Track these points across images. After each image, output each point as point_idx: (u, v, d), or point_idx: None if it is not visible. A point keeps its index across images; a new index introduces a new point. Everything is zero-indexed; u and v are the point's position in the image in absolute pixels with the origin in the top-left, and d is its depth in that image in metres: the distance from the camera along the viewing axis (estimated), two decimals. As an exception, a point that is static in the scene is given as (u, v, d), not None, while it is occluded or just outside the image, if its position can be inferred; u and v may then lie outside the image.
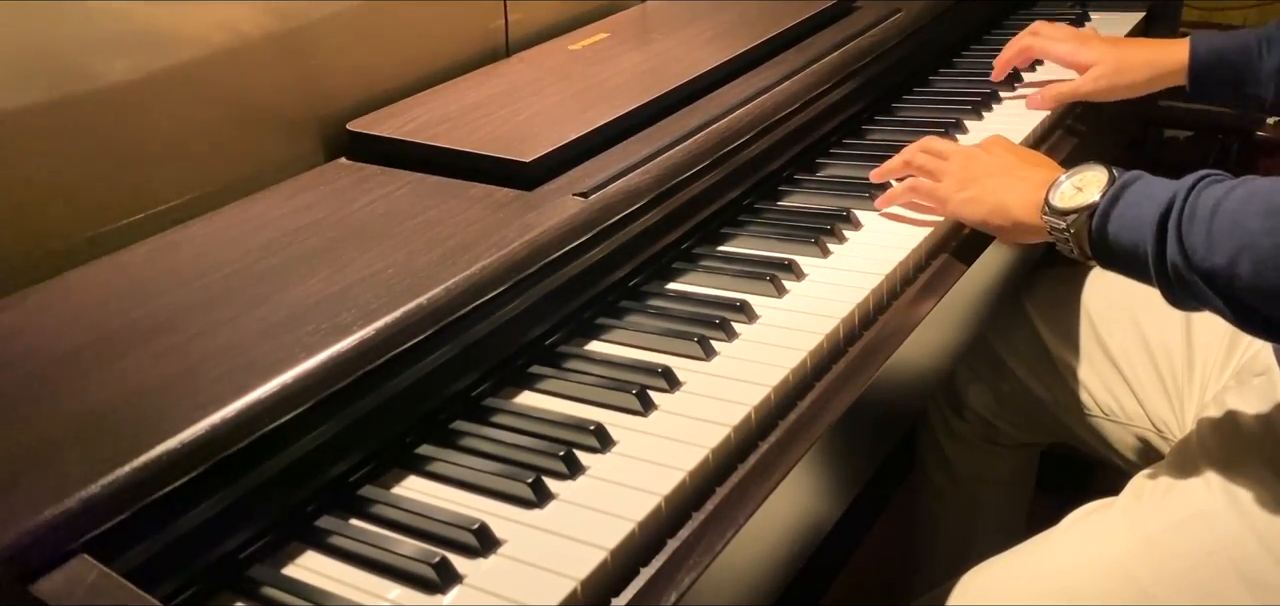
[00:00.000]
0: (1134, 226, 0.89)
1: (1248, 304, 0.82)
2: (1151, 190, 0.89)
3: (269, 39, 1.04)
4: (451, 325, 0.80)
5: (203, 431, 0.67)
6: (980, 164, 1.05)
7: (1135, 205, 0.89)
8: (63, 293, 0.85)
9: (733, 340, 0.90)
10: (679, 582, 0.69)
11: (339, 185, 1.01)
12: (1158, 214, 0.86)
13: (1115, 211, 0.90)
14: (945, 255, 1.05)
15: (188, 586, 0.67)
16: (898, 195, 1.09)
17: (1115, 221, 0.90)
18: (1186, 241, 0.84)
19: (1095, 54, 1.30)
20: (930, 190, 1.06)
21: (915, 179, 1.08)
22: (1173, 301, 0.89)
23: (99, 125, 0.92)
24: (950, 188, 1.05)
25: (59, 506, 0.61)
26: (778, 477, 0.77)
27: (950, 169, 1.06)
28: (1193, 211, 0.84)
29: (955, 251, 1.06)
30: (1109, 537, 0.99)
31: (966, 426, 1.39)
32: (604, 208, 0.94)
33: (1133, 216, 0.89)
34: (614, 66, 1.21)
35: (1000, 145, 1.09)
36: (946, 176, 1.06)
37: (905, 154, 1.11)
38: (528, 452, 0.77)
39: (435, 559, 0.67)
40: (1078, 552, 1.00)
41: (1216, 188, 0.85)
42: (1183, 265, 0.85)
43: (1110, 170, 0.93)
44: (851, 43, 1.31)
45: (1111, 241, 0.91)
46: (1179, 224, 0.85)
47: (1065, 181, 0.96)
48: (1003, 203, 1.01)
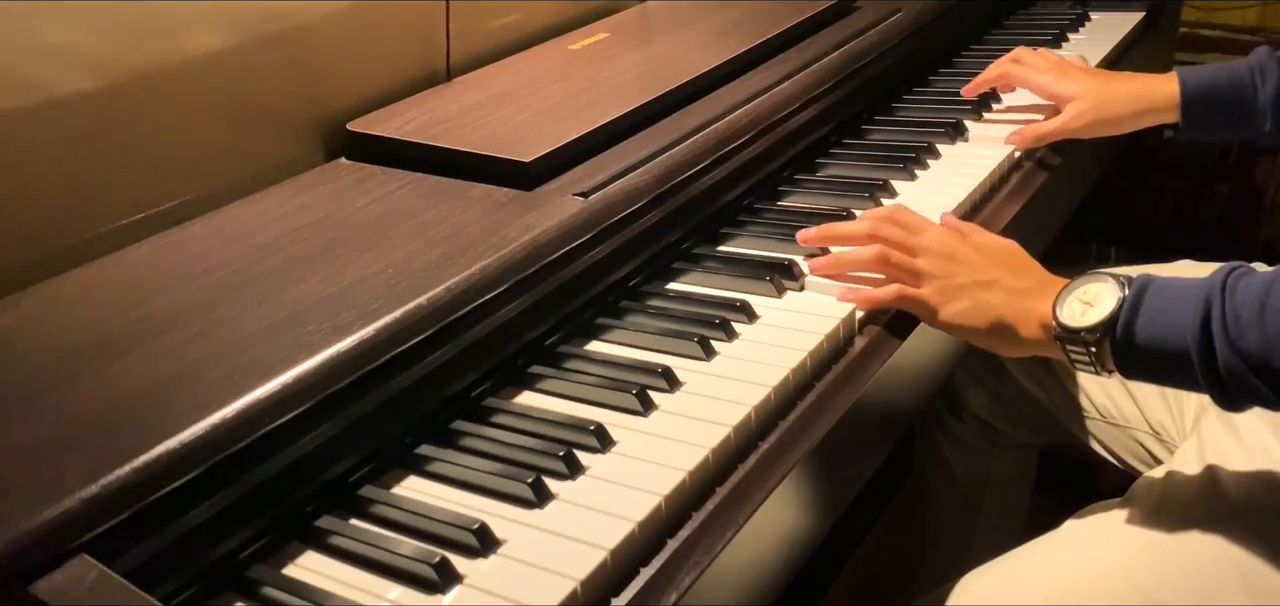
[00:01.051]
0: (1169, 333, 0.84)
1: None
2: (1174, 291, 0.85)
3: (269, 39, 1.04)
4: (451, 325, 0.80)
5: (203, 431, 0.67)
6: (963, 264, 0.95)
7: (1164, 312, 0.84)
8: (63, 292, 0.85)
9: (733, 340, 0.90)
10: (679, 582, 0.69)
11: (339, 185, 1.01)
12: (1198, 318, 0.82)
13: (1140, 322, 0.85)
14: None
15: (188, 586, 0.67)
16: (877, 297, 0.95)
17: (1143, 331, 0.85)
18: (1239, 344, 0.80)
19: (1077, 87, 1.23)
20: (913, 298, 0.95)
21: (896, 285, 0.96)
22: (1226, 404, 0.84)
23: (99, 125, 0.92)
24: (934, 296, 0.94)
25: (59, 506, 0.61)
26: (778, 478, 0.77)
27: (929, 268, 0.95)
28: (1237, 312, 0.80)
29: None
30: (1111, 541, 0.99)
31: (965, 428, 1.39)
32: (604, 208, 0.94)
33: (1164, 324, 0.84)
34: (614, 66, 1.21)
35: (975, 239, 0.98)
36: (926, 279, 0.95)
37: (868, 225, 0.99)
38: (528, 452, 0.77)
39: (435, 559, 0.67)
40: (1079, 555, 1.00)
41: (1255, 280, 0.82)
42: (1239, 367, 0.80)
43: (1115, 279, 0.88)
44: (851, 43, 1.31)
45: (1142, 352, 0.85)
46: (1225, 325, 0.81)
47: (1070, 299, 0.89)
48: (1002, 320, 0.92)
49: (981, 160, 1.19)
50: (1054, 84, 1.25)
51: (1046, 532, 1.05)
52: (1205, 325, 0.82)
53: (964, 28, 1.58)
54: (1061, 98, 1.24)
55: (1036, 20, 1.66)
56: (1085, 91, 1.23)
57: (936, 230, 0.98)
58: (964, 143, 1.26)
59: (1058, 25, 1.60)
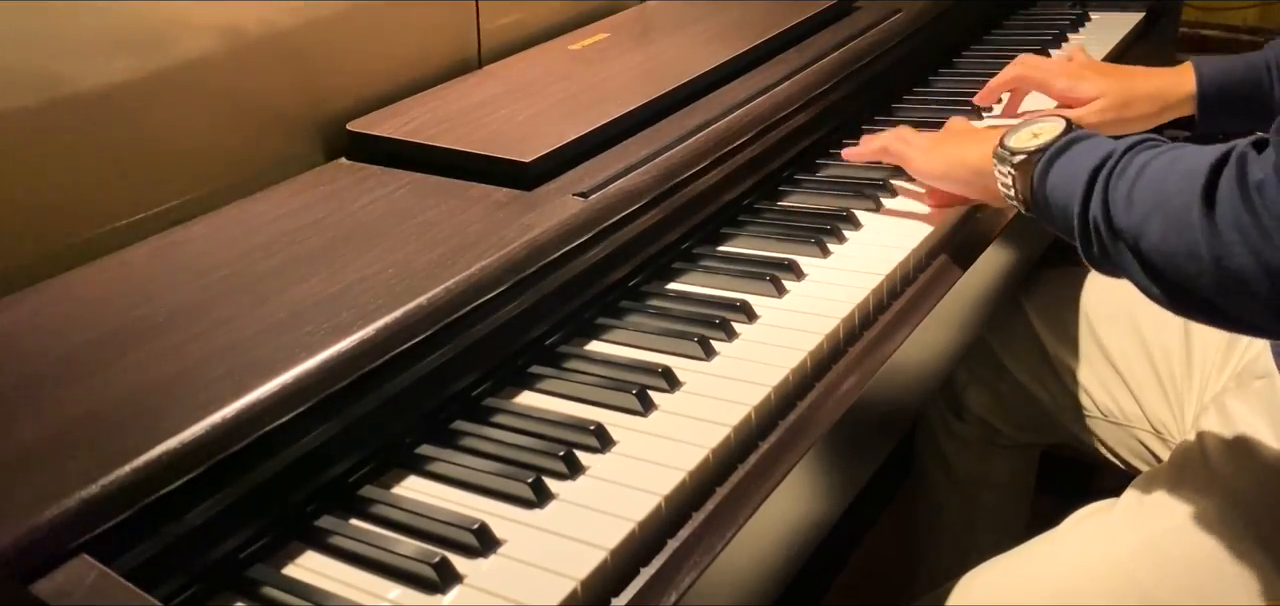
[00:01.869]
0: (1070, 178, 0.87)
1: (1154, 264, 0.81)
2: (1097, 145, 0.87)
3: (269, 39, 1.04)
4: (451, 325, 0.80)
5: (203, 431, 0.67)
6: (951, 138, 1.08)
7: (1077, 157, 0.88)
8: (63, 292, 0.85)
9: (733, 340, 0.90)
10: (679, 582, 0.69)
11: (339, 185, 1.01)
12: (1091, 167, 0.85)
13: (1059, 162, 0.89)
14: (945, 255, 1.05)
15: (188, 586, 0.67)
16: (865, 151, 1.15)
17: (1056, 172, 0.89)
18: (1110, 196, 0.83)
19: (1096, 87, 1.20)
20: (899, 150, 1.10)
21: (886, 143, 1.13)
22: (1089, 260, 0.88)
23: (99, 125, 0.92)
24: (916, 150, 1.09)
25: (59, 506, 0.61)
26: (778, 477, 0.77)
27: (920, 139, 1.10)
28: (1124, 169, 0.83)
29: (955, 252, 1.06)
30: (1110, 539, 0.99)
31: (966, 427, 1.39)
32: (604, 208, 0.94)
33: (1072, 168, 0.88)
34: (614, 66, 1.21)
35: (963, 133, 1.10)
36: (915, 144, 1.10)
37: (882, 138, 1.14)
38: (528, 452, 0.77)
39: (435, 559, 0.67)
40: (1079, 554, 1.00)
41: (1150, 150, 0.84)
42: (1102, 219, 0.83)
43: (1068, 122, 0.92)
44: (851, 43, 1.31)
45: (1049, 192, 0.90)
46: (1108, 179, 0.84)
47: (1025, 128, 0.95)
48: (962, 155, 1.03)
49: (981, 160, 1.18)
50: (1072, 88, 1.21)
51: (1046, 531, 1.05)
52: (1093, 175, 0.85)
53: (964, 28, 1.58)
54: (1081, 99, 1.21)
55: (1036, 20, 1.66)
56: (1106, 91, 1.20)
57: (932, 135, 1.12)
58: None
59: (1058, 25, 1.60)
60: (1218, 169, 0.76)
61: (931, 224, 1.06)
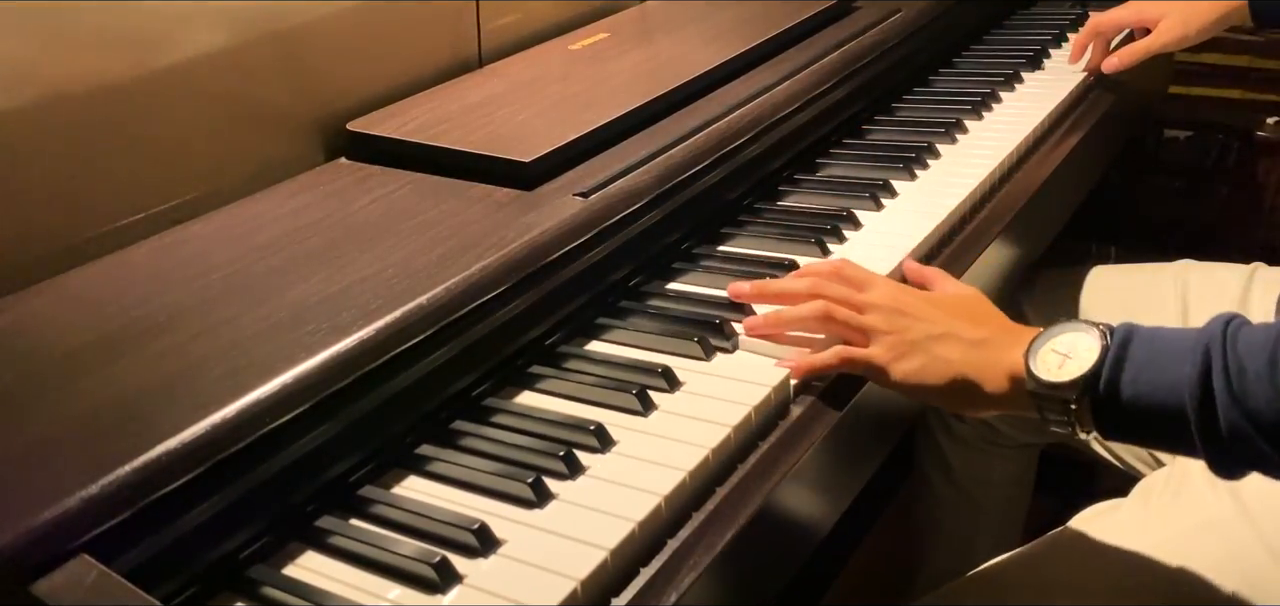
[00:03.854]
0: (1160, 389, 0.75)
1: None
2: (1164, 342, 0.76)
3: (269, 39, 1.04)
4: (451, 325, 0.80)
5: (202, 431, 0.67)
6: (915, 318, 0.86)
7: (1152, 365, 0.76)
8: (63, 292, 0.85)
9: (733, 340, 0.90)
10: (679, 582, 0.69)
11: (339, 185, 1.01)
12: (1197, 371, 0.73)
13: (1126, 377, 0.76)
14: (945, 255, 1.05)
15: (188, 586, 0.67)
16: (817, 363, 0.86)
17: (1130, 387, 0.76)
18: (1245, 402, 0.72)
19: (1160, 10, 1.38)
20: (860, 359, 0.86)
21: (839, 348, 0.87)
22: (1223, 470, 0.76)
23: (99, 125, 0.92)
24: (884, 354, 0.85)
25: (59, 506, 0.61)
26: (778, 478, 0.77)
27: (878, 324, 0.86)
28: (1241, 365, 0.72)
29: (955, 252, 1.06)
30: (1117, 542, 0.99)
31: (965, 427, 1.39)
32: (604, 208, 0.94)
33: (1153, 379, 0.75)
34: (614, 66, 1.21)
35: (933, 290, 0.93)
36: (875, 337, 0.86)
37: (809, 282, 0.91)
38: (528, 452, 0.77)
39: (435, 559, 0.67)
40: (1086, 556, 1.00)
41: (1259, 332, 0.74)
42: (1244, 427, 0.72)
43: (1093, 327, 0.79)
44: (851, 43, 1.31)
45: (1129, 410, 0.76)
46: (1228, 380, 0.72)
47: (1044, 349, 0.80)
48: (963, 375, 0.83)
49: (982, 160, 1.19)
50: (1140, 13, 1.41)
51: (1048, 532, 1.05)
52: (1205, 379, 0.73)
53: (964, 28, 1.58)
54: (1150, 19, 1.39)
55: (1036, 20, 1.66)
56: (1169, 10, 1.38)
57: (885, 283, 0.89)
58: (964, 143, 1.26)
59: (1058, 25, 1.60)
60: None
61: (932, 223, 1.06)
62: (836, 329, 0.88)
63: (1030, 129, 1.26)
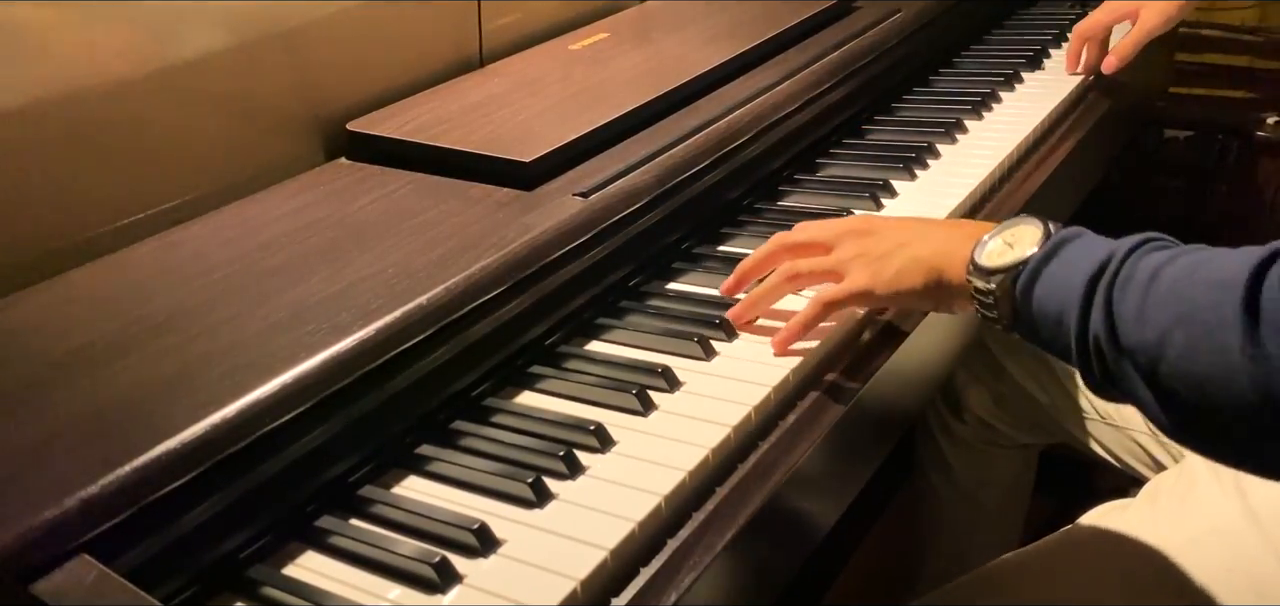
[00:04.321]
0: (1061, 289, 0.74)
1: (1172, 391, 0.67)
2: (1090, 249, 0.74)
3: (269, 39, 1.04)
4: (451, 325, 0.80)
5: (203, 431, 0.67)
6: (882, 235, 0.87)
7: (1067, 265, 0.74)
8: (63, 292, 0.85)
9: (733, 340, 0.90)
10: (679, 582, 0.69)
11: (339, 185, 1.01)
12: (1087, 276, 0.72)
13: (1046, 272, 0.75)
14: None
15: (188, 586, 0.67)
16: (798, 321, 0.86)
17: (1043, 283, 0.75)
18: (1115, 309, 0.70)
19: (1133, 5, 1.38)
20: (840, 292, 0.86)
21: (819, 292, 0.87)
22: (1089, 384, 0.74)
23: (99, 125, 0.92)
24: (862, 273, 0.85)
25: (59, 506, 0.61)
26: (778, 477, 0.77)
27: (849, 252, 0.87)
28: (1130, 275, 0.70)
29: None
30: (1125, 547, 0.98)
31: (965, 428, 1.39)
32: (604, 208, 0.94)
33: (1062, 278, 0.74)
34: (614, 66, 1.21)
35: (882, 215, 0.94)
36: (849, 265, 0.86)
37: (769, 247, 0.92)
38: (528, 452, 0.77)
39: (435, 559, 0.67)
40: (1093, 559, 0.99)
41: (1160, 253, 0.71)
42: (1105, 337, 0.70)
43: (1046, 225, 0.78)
44: (851, 43, 1.31)
45: (1036, 309, 0.76)
46: (1110, 288, 0.71)
47: (994, 238, 0.80)
48: (935, 268, 0.83)
49: (982, 160, 1.19)
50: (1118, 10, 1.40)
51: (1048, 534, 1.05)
52: (1092, 285, 0.72)
53: (964, 28, 1.58)
54: (1129, 12, 1.39)
55: (1036, 20, 1.66)
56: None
57: (843, 220, 0.91)
58: (964, 142, 1.26)
59: (1058, 25, 1.60)
60: (1261, 273, 0.64)
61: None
62: (806, 281, 0.89)
63: (1030, 129, 1.26)
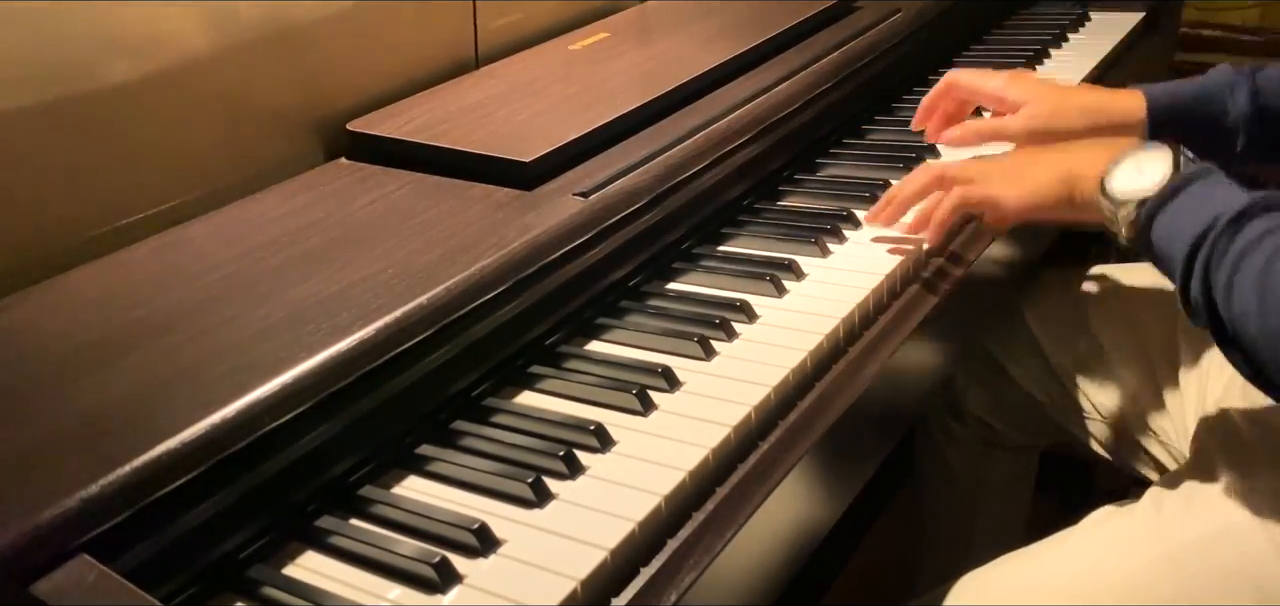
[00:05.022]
0: (1174, 239, 0.80)
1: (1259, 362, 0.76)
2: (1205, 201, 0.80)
3: (269, 39, 1.04)
4: (451, 325, 0.80)
5: (203, 431, 0.67)
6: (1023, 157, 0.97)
7: (1182, 213, 0.81)
8: (63, 292, 0.85)
9: (733, 340, 0.90)
10: (679, 582, 0.69)
11: (339, 185, 1.01)
12: (1192, 238, 0.79)
13: (1161, 217, 0.82)
14: (945, 256, 1.05)
15: (188, 586, 0.67)
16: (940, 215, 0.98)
17: (1159, 227, 0.82)
18: (1211, 278, 0.77)
19: (1030, 93, 1.10)
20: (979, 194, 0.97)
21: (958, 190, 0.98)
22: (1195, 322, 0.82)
23: (99, 125, 0.92)
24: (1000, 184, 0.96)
25: (59, 506, 0.61)
26: (778, 478, 0.77)
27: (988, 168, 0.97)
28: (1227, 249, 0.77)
29: (955, 253, 1.06)
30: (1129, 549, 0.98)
31: (965, 429, 1.39)
32: (604, 208, 0.94)
33: (1176, 228, 0.80)
34: (614, 66, 1.21)
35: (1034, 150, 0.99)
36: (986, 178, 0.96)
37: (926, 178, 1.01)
38: (528, 452, 0.77)
39: (435, 559, 0.67)
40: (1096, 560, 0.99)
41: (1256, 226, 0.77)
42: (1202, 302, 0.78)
43: (1177, 157, 0.84)
44: (851, 43, 1.31)
45: (1155, 247, 0.83)
46: (1208, 259, 0.77)
47: (1127, 159, 0.87)
48: (1072, 172, 0.91)
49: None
50: (1005, 89, 1.12)
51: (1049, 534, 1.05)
52: (1193, 248, 0.78)
53: (964, 28, 1.58)
54: (1014, 104, 1.10)
55: (1036, 20, 1.66)
56: (1040, 97, 1.09)
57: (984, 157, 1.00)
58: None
59: (1058, 25, 1.60)
60: None
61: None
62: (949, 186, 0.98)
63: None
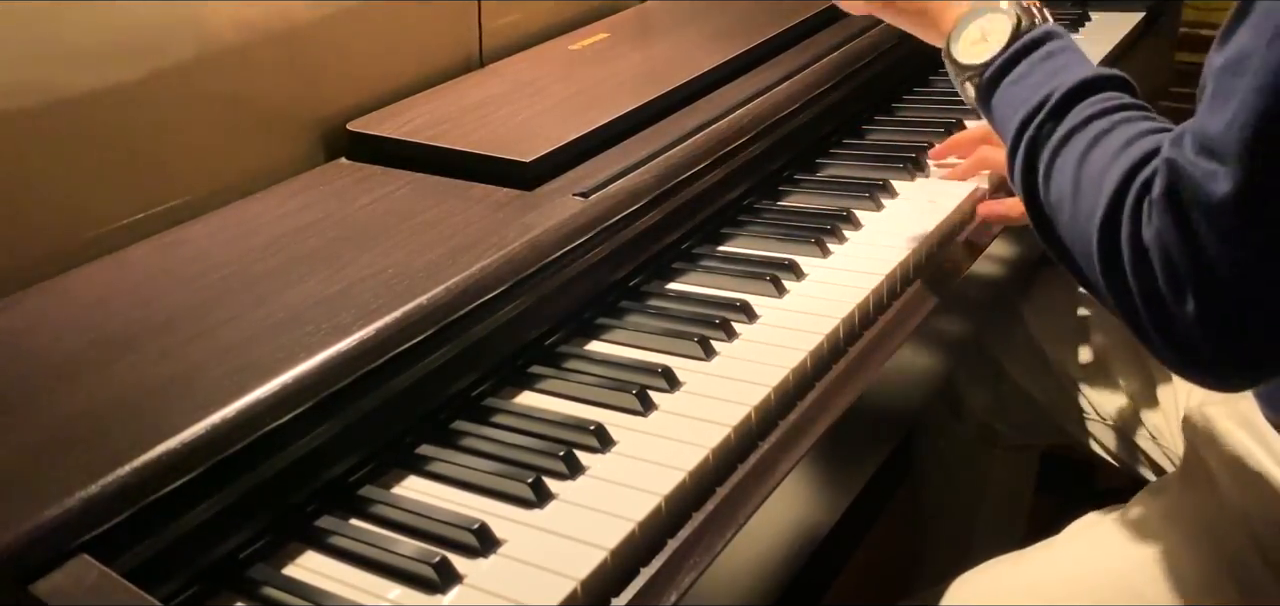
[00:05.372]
0: (1008, 112, 0.83)
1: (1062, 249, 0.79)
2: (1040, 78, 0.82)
3: (269, 39, 1.04)
4: (451, 325, 0.80)
5: (202, 431, 0.67)
6: None
7: (1017, 85, 0.83)
8: (63, 292, 0.85)
9: (733, 340, 0.90)
10: (679, 582, 0.69)
11: (339, 185, 1.01)
12: (1020, 118, 0.81)
13: (1000, 89, 0.85)
14: (944, 256, 1.05)
15: (188, 586, 0.67)
16: None
17: (997, 98, 0.85)
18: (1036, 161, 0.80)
19: None
20: None
21: None
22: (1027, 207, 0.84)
23: (99, 125, 0.92)
24: None
25: (59, 506, 0.61)
26: (778, 477, 0.77)
27: None
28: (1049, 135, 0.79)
29: (954, 253, 1.06)
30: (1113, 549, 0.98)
31: (965, 428, 1.39)
32: (604, 208, 0.94)
33: (1010, 99, 0.83)
34: (614, 66, 1.21)
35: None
36: None
37: None
38: (528, 452, 0.77)
39: (435, 559, 0.67)
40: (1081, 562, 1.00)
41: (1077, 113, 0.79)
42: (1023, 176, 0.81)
43: (1017, 20, 0.86)
44: (851, 43, 1.31)
45: (992, 115, 0.87)
46: (1034, 141, 0.80)
47: (972, 23, 0.90)
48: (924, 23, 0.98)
49: (981, 160, 1.18)
50: None
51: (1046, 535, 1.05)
52: (1021, 126, 0.81)
53: (964, 28, 1.58)
54: None
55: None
56: None
57: None
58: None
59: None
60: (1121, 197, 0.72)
61: (932, 223, 1.06)
62: None
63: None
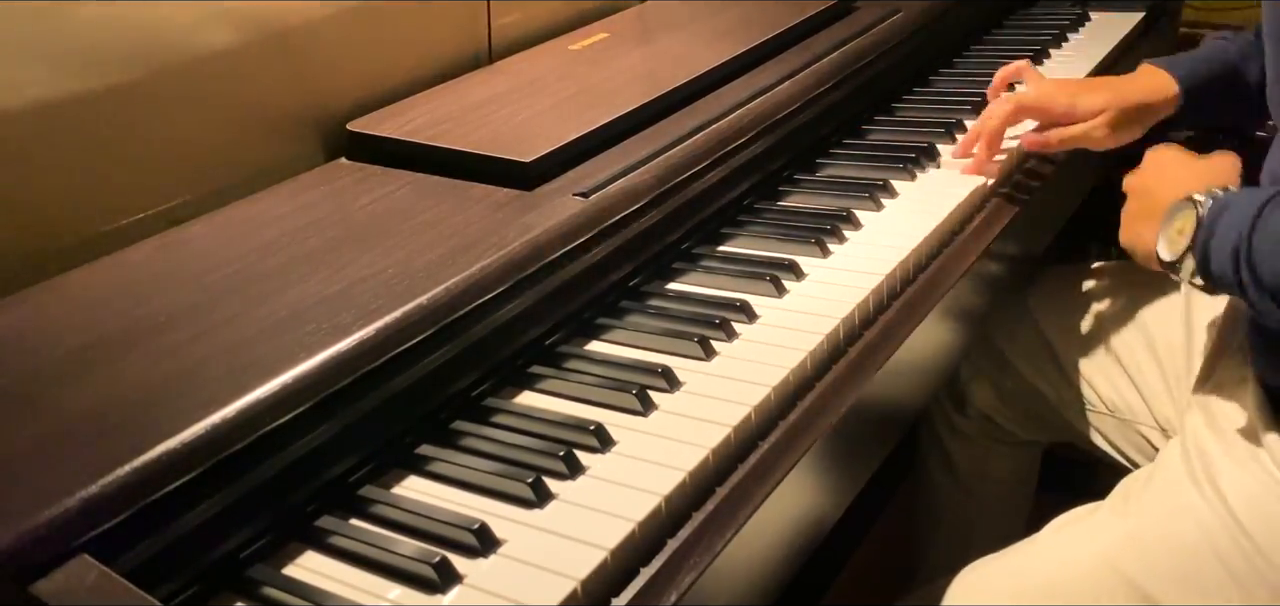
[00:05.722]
0: (1224, 260, 0.89)
1: None
2: (1237, 216, 0.89)
3: (269, 39, 1.04)
4: (451, 325, 0.80)
5: (203, 431, 0.67)
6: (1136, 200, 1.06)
7: (1224, 235, 0.90)
8: (63, 292, 0.85)
9: (733, 340, 0.90)
10: (679, 582, 0.69)
11: (339, 185, 1.01)
12: (1232, 248, 0.88)
13: (1213, 245, 0.91)
14: (945, 255, 1.05)
15: (188, 586, 0.67)
16: None
17: (1215, 261, 0.91)
18: (1259, 270, 0.86)
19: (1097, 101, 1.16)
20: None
21: None
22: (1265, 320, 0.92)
23: (99, 125, 0.92)
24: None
25: (59, 506, 0.61)
26: (778, 478, 0.77)
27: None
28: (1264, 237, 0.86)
29: (955, 251, 1.06)
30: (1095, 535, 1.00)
31: (969, 423, 1.39)
32: (604, 208, 0.94)
33: (1221, 251, 0.90)
34: (614, 66, 1.21)
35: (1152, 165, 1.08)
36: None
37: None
38: (528, 452, 0.77)
39: (435, 559, 0.67)
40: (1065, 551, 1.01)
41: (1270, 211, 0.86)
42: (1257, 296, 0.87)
43: (1196, 205, 0.93)
44: (851, 43, 1.31)
45: (1217, 282, 0.92)
46: (1250, 255, 0.87)
47: (1166, 226, 0.96)
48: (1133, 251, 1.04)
49: (982, 160, 1.19)
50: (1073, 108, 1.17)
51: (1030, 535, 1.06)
52: (1236, 257, 0.88)
53: (964, 28, 1.58)
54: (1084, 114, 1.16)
55: (1036, 20, 1.66)
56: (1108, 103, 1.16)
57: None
58: (964, 142, 1.26)
59: (1058, 25, 1.60)
60: None
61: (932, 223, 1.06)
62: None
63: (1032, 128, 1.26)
